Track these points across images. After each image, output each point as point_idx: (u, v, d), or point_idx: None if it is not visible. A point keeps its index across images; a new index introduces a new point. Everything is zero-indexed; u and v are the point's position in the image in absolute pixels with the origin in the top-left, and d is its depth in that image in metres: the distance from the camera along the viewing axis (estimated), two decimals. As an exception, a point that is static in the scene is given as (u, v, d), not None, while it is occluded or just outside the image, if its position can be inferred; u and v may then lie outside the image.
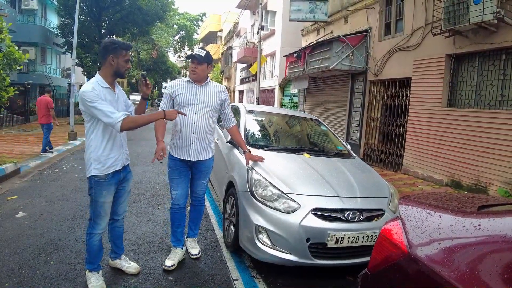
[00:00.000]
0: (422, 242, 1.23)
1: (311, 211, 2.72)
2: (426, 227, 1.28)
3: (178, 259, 2.96)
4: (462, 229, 1.16)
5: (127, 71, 2.50)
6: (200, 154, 2.95)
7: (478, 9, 5.48)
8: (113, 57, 2.41)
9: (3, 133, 11.75)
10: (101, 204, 2.47)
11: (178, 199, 2.96)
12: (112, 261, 2.84)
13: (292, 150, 3.76)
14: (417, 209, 1.41)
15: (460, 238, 1.14)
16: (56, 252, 3.06)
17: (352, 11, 10.05)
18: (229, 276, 2.87)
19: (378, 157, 8.99)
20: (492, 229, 1.07)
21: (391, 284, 1.30)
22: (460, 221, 1.19)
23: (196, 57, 2.86)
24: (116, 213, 2.70)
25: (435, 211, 1.34)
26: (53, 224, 3.70)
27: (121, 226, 2.80)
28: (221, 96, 3.02)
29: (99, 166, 2.41)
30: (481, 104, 6.26)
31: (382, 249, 1.39)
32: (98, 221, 2.50)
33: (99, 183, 2.43)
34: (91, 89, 2.30)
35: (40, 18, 20.72)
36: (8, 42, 5.60)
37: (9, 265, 2.78)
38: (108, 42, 2.46)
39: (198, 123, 2.89)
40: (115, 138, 2.48)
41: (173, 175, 2.97)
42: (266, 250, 2.73)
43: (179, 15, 41.31)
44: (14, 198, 4.61)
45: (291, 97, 16.38)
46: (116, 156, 2.48)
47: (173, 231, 3.05)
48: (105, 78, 2.44)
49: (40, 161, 7.23)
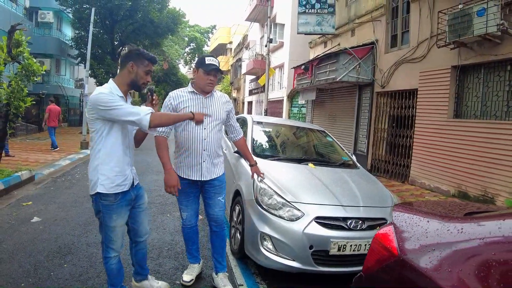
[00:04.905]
0: (411, 245, 1.32)
1: (314, 219, 2.80)
2: (416, 232, 1.37)
3: (196, 273, 2.86)
4: (447, 232, 1.25)
5: (145, 85, 2.26)
6: (213, 172, 2.72)
7: (481, 21, 5.57)
8: (133, 64, 2.19)
9: (18, 141, 12.08)
10: (111, 229, 2.22)
11: (190, 220, 2.79)
12: (138, 283, 2.59)
13: (297, 160, 3.86)
14: (408, 215, 1.50)
15: (444, 241, 1.23)
16: (69, 255, 3.20)
17: (359, 23, 10.21)
18: (235, 282, 2.96)
19: (385, 168, 9.01)
20: (472, 232, 1.16)
21: (382, 285, 1.39)
22: (445, 225, 1.28)
23: (216, 68, 2.61)
24: (138, 235, 2.46)
25: (424, 217, 1.43)
26: (66, 229, 3.85)
27: (145, 247, 2.55)
28: (227, 106, 2.79)
29: (107, 182, 2.13)
30: (487, 115, 6.29)
31: (375, 252, 1.48)
32: (110, 245, 2.25)
33: (107, 207, 2.16)
34: (107, 92, 2.08)
35: (56, 30, 21.39)
36: (27, 54, 5.87)
37: (25, 267, 2.92)
38: (133, 48, 2.31)
39: (209, 139, 2.65)
40: (125, 153, 2.23)
41: (182, 198, 2.72)
42: (270, 256, 2.82)
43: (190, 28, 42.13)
44: (29, 204, 4.79)
45: (299, 108, 16.51)
46: (126, 175, 2.23)
47: (188, 249, 2.90)
48: (120, 86, 2.20)
49: (53, 169, 7.45)
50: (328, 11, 11.17)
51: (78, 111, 23.73)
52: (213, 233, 2.82)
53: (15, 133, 11.31)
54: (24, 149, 10.07)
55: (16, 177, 5.80)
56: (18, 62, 5.83)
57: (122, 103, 2.09)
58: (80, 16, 18.20)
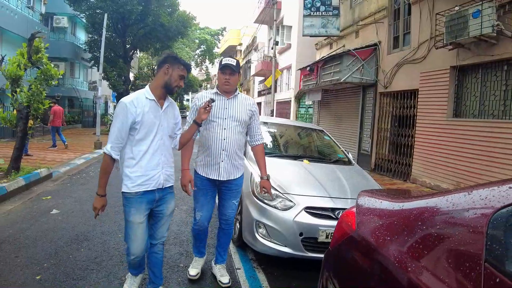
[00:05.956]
0: (365, 221, 1.59)
1: (304, 209, 3.09)
2: (371, 211, 1.65)
3: (201, 266, 2.95)
4: (392, 209, 1.52)
5: (177, 88, 2.35)
6: (231, 173, 2.75)
7: (476, 23, 5.75)
8: (169, 67, 2.29)
9: (35, 141, 12.63)
10: (130, 225, 2.29)
11: (203, 222, 2.78)
12: None
13: (293, 157, 4.15)
14: (369, 198, 1.78)
15: (389, 216, 1.51)
16: (85, 242, 3.56)
17: (362, 25, 10.42)
18: (233, 266, 3.26)
19: (388, 167, 9.19)
20: (408, 208, 1.43)
21: (343, 254, 1.67)
22: (392, 204, 1.55)
23: (230, 66, 2.65)
24: (153, 237, 2.46)
25: (379, 199, 1.70)
26: (82, 220, 4.22)
27: (160, 252, 2.52)
28: (251, 109, 2.80)
29: (128, 182, 2.25)
30: (485, 114, 6.45)
31: (340, 229, 1.76)
32: (128, 243, 2.33)
33: (128, 199, 2.27)
34: (127, 102, 2.19)
35: (70, 35, 22.16)
36: (45, 60, 6.30)
37: (47, 251, 3.28)
38: (171, 53, 2.38)
39: (228, 140, 2.68)
40: (152, 156, 2.28)
41: (199, 195, 2.76)
42: (264, 242, 3.12)
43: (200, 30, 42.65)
44: (48, 198, 5.19)
45: (306, 108, 16.74)
46: (150, 175, 2.27)
47: (196, 246, 2.96)
48: (154, 90, 2.30)
49: (69, 167, 7.88)
50: (333, 13, 11.41)
51: (91, 112, 24.45)
52: (222, 230, 2.93)
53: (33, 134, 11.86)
54: (41, 149, 10.58)
55: (35, 174, 6.22)
56: (38, 67, 6.25)
57: (121, 123, 2.17)
58: (93, 21, 18.82)
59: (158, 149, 2.31)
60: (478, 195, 1.15)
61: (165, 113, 2.34)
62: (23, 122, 6.18)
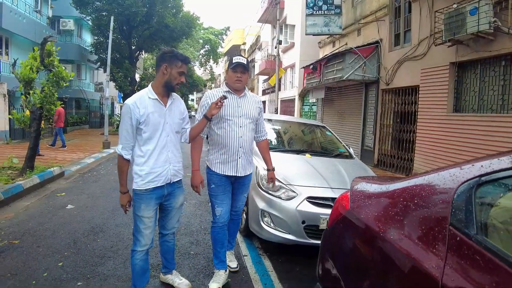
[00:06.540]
0: (357, 201, 1.79)
1: (306, 199, 3.29)
2: (363, 193, 1.84)
3: (223, 282, 2.75)
4: (380, 190, 1.71)
5: (179, 85, 2.37)
6: (247, 169, 2.84)
7: (474, 20, 5.90)
8: (167, 66, 2.30)
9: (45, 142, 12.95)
10: (139, 219, 2.35)
11: (223, 216, 2.78)
12: (163, 275, 2.77)
13: (296, 152, 4.35)
14: (362, 183, 1.97)
15: (377, 196, 1.71)
16: (101, 233, 3.79)
17: (364, 23, 10.58)
18: (241, 253, 3.48)
19: (391, 162, 9.35)
20: (393, 188, 1.62)
21: (338, 231, 1.86)
22: (380, 186, 1.75)
23: (242, 64, 2.68)
24: (164, 227, 2.61)
25: (371, 183, 1.90)
26: (97, 214, 4.46)
27: (171, 241, 2.67)
28: (259, 106, 2.90)
29: (138, 180, 2.32)
30: (484, 108, 6.60)
31: (336, 210, 1.95)
32: (138, 236, 2.38)
33: (138, 195, 2.34)
34: (130, 103, 2.25)
35: (76, 37, 22.52)
36: (57, 63, 6.55)
37: (66, 241, 3.53)
38: (166, 50, 2.36)
39: (245, 137, 2.74)
40: (160, 154, 2.35)
41: (218, 192, 2.77)
42: (269, 230, 3.33)
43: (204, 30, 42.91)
44: (63, 195, 5.44)
45: (310, 106, 16.91)
46: (158, 171, 2.34)
47: (217, 252, 2.81)
48: (155, 88, 2.34)
49: (80, 166, 8.16)
50: (335, 12, 11.57)
51: (98, 113, 24.84)
52: (231, 220, 2.97)
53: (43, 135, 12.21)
54: (52, 149, 10.89)
55: (49, 172, 6.49)
56: (50, 70, 6.51)
57: (129, 124, 2.24)
58: (99, 23, 19.11)
59: (165, 146, 2.37)
60: (447, 173, 1.34)
61: (169, 110, 2.38)
62: (36, 123, 6.45)
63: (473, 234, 1.10)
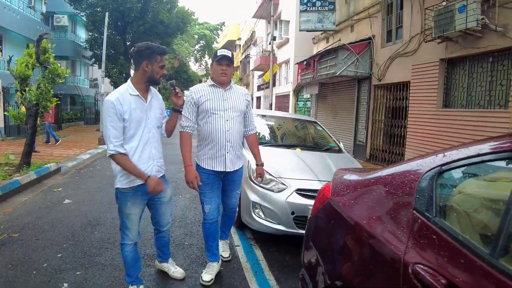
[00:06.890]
0: (337, 190, 1.93)
1: (295, 191, 3.43)
2: (343, 183, 1.98)
3: (215, 272, 2.84)
4: (358, 180, 1.86)
5: (162, 78, 2.37)
6: (235, 164, 2.79)
7: (462, 17, 6.04)
8: (147, 63, 2.27)
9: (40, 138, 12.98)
10: (126, 216, 2.37)
11: (212, 213, 2.77)
12: (159, 263, 2.89)
13: (286, 146, 4.49)
14: (344, 174, 2.11)
15: (355, 185, 1.85)
16: (98, 226, 3.91)
17: (357, 20, 10.69)
18: (233, 243, 3.62)
19: (383, 157, 9.53)
20: (369, 178, 1.76)
21: (320, 219, 2.00)
22: (359, 177, 1.89)
23: (227, 57, 2.64)
24: (159, 224, 2.63)
25: (351, 174, 2.04)
26: (94, 208, 4.58)
27: (166, 236, 2.75)
28: (247, 98, 2.85)
29: (123, 179, 2.30)
30: (472, 104, 6.76)
31: (319, 199, 2.09)
32: (126, 232, 2.40)
33: (124, 194, 2.33)
34: (113, 100, 2.18)
35: (71, 33, 22.43)
36: (52, 60, 6.62)
37: (64, 234, 3.65)
38: (142, 46, 2.29)
39: (232, 131, 2.70)
40: (143, 150, 2.33)
41: (205, 189, 2.73)
42: (260, 221, 3.47)
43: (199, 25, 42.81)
44: (60, 190, 5.55)
45: (305, 102, 17.06)
46: (142, 168, 2.31)
47: (209, 246, 2.87)
48: (136, 84, 2.30)
49: (76, 162, 8.24)
50: (329, 8, 11.67)
51: (93, 110, 24.81)
52: (226, 215, 3.09)
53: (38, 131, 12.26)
54: (48, 146, 10.94)
55: (45, 168, 6.58)
56: (45, 67, 6.58)
57: (115, 121, 2.18)
58: (93, 19, 19.10)
59: (147, 142, 2.36)
60: (415, 163, 1.48)
61: (150, 105, 2.36)
62: (32, 120, 6.52)
63: (432, 216, 1.24)
